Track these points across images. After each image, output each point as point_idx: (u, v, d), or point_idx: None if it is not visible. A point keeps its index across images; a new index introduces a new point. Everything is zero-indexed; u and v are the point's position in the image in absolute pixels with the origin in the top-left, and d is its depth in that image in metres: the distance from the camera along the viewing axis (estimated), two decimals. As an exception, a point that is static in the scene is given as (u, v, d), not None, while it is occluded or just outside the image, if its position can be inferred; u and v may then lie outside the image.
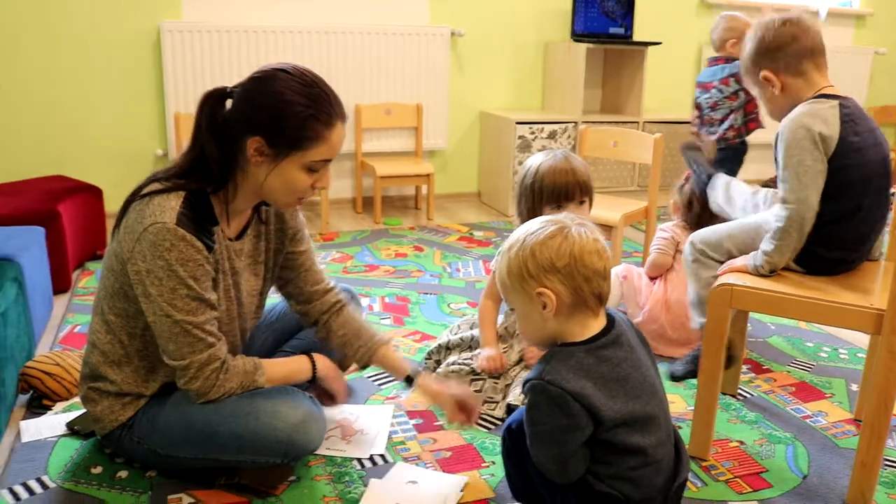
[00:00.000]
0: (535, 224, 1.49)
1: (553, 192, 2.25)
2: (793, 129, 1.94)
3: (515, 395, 2.18)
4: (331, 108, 1.70)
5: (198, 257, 1.65)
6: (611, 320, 1.50)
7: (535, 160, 2.32)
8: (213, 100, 1.70)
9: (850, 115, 1.95)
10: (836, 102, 1.96)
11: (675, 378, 2.51)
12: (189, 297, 1.65)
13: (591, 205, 2.34)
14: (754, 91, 2.15)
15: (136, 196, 1.70)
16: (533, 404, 1.45)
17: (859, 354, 2.76)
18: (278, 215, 1.96)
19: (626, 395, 1.45)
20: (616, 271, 2.89)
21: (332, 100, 1.71)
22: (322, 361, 1.94)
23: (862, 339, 2.86)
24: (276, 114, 1.64)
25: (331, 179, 1.81)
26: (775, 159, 2.01)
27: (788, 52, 2.01)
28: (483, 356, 2.31)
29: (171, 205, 1.64)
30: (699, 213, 2.78)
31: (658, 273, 2.82)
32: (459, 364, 2.32)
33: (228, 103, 1.71)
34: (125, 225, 1.68)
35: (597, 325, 1.48)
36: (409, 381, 2.01)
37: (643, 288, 2.83)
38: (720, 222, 2.44)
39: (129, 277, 1.68)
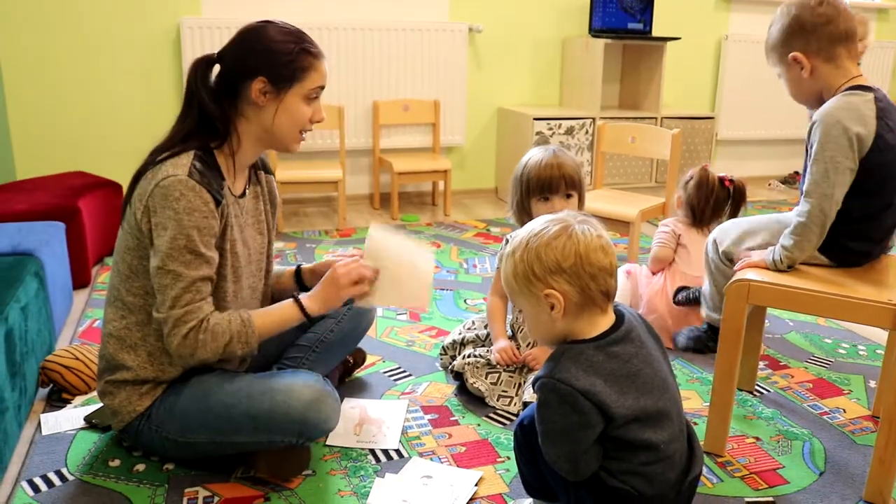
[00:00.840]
0: (537, 225, 1.49)
1: (538, 184, 2.30)
2: (830, 125, 1.87)
3: (531, 393, 2.18)
4: (313, 42, 1.88)
5: (204, 209, 1.71)
6: (620, 316, 1.50)
7: (527, 155, 2.38)
8: (202, 65, 1.83)
9: (883, 110, 1.90)
10: (871, 96, 1.90)
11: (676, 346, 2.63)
12: (186, 248, 1.70)
13: (581, 200, 2.37)
14: (776, 71, 2.06)
15: (139, 173, 1.79)
16: (543, 402, 1.45)
17: (878, 351, 2.74)
18: (267, 181, 2.07)
19: (637, 391, 1.44)
20: (620, 269, 2.90)
21: (311, 38, 1.89)
22: (310, 301, 1.90)
23: (881, 336, 2.84)
24: (272, 53, 1.80)
25: (323, 113, 1.95)
26: (806, 149, 1.97)
27: (823, 35, 1.94)
28: (496, 349, 2.32)
29: (183, 161, 1.73)
30: (702, 209, 2.84)
31: (660, 267, 2.85)
32: (475, 356, 2.33)
33: (216, 69, 1.84)
34: (138, 194, 1.75)
35: (606, 321, 1.48)
36: (298, 271, 2.19)
37: (642, 278, 2.87)
38: (723, 219, 2.44)
39: (147, 249, 1.74)
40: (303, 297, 1.91)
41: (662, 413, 1.47)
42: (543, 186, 2.30)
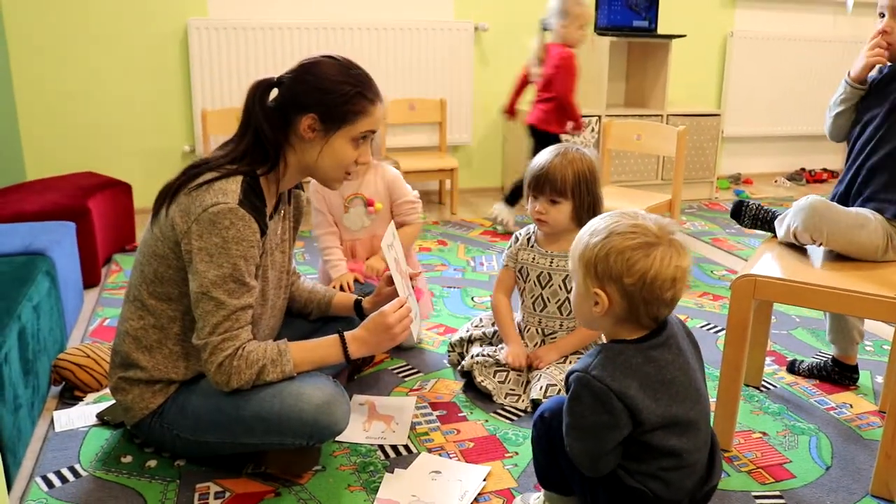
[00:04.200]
0: (628, 222, 1.44)
1: (529, 181, 2.29)
2: None
3: (537, 391, 2.19)
4: (372, 86, 1.87)
5: (251, 238, 1.73)
6: (663, 322, 1.49)
7: (547, 149, 2.35)
8: (262, 88, 1.83)
9: None
10: None
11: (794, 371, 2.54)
12: (231, 277, 1.71)
13: (575, 210, 2.26)
14: None
15: (183, 183, 1.76)
16: (576, 396, 1.45)
17: (885, 346, 2.74)
18: (293, 196, 2.07)
19: (670, 399, 1.44)
20: None
21: (371, 81, 1.89)
22: (355, 344, 1.91)
23: (888, 331, 2.84)
24: (326, 93, 1.80)
25: (370, 156, 1.96)
26: None
27: None
28: (509, 352, 2.33)
29: (232, 188, 1.72)
30: None
31: None
32: (484, 356, 2.34)
33: (274, 92, 1.84)
34: (180, 209, 1.74)
35: (646, 329, 1.48)
36: (358, 304, 2.20)
37: None
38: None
39: (179, 260, 1.75)
40: (349, 337, 1.90)
41: (691, 423, 1.47)
42: (530, 184, 2.29)
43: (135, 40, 4.21)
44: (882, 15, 2.07)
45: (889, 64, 2.07)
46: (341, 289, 2.47)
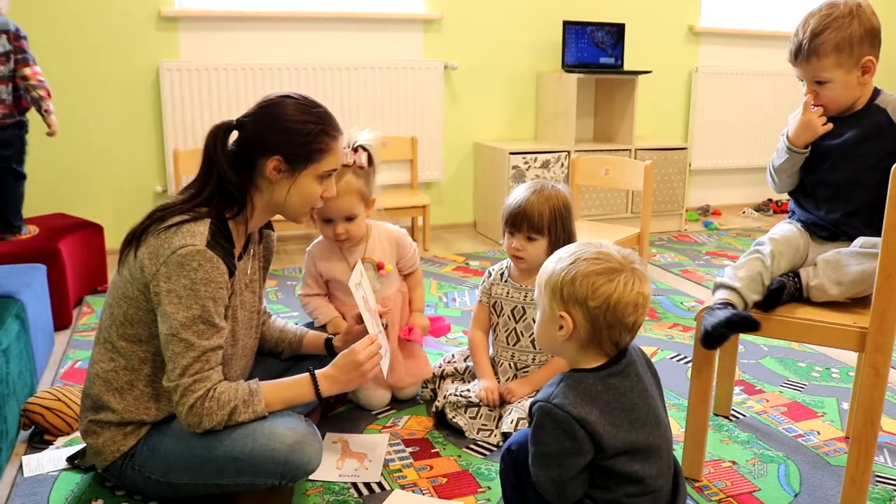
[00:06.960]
0: (593, 250, 1.50)
1: (506, 218, 2.33)
2: None
3: (508, 424, 2.21)
4: (333, 122, 1.91)
5: (220, 280, 1.74)
6: (623, 350, 1.53)
7: (521, 185, 2.39)
8: (221, 132, 1.85)
9: None
10: None
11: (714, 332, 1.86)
12: (200, 319, 1.71)
13: (551, 245, 2.27)
14: (833, 74, 1.90)
15: (150, 226, 1.77)
16: (539, 425, 1.48)
17: (850, 373, 2.79)
18: (264, 236, 2.08)
19: (630, 425, 1.47)
20: None
21: (332, 117, 1.92)
22: (326, 382, 1.91)
23: (853, 358, 2.88)
24: (290, 133, 1.83)
25: (334, 188, 1.99)
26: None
27: (879, 45, 1.91)
28: (482, 387, 2.34)
29: (200, 230, 1.74)
30: None
31: None
32: (457, 396, 2.35)
33: (234, 134, 1.86)
34: (148, 251, 1.74)
35: (607, 356, 1.52)
36: (329, 343, 2.24)
37: None
38: None
39: (149, 302, 1.76)
40: (319, 376, 1.91)
41: (652, 448, 1.50)
42: (507, 221, 2.33)
43: (107, 82, 4.23)
44: (801, 79, 1.99)
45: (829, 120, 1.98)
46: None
